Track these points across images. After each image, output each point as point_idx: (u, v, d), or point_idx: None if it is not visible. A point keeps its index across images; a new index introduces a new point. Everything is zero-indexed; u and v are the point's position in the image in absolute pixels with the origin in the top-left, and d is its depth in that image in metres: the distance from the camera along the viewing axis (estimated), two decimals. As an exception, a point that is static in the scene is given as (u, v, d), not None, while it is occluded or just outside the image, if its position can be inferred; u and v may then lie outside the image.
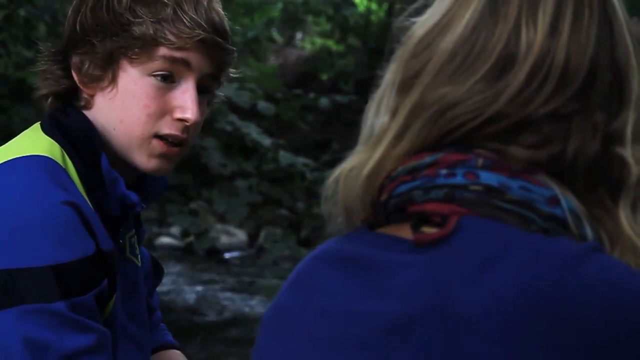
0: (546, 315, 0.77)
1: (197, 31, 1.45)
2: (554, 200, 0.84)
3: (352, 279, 0.88)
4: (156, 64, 1.45)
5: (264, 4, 14.65)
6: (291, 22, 15.11)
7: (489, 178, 0.84)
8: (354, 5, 14.70)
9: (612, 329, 0.76)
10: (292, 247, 10.18)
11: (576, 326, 0.76)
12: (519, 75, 0.85)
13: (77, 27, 1.47)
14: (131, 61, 1.45)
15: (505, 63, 0.86)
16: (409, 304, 0.82)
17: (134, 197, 1.45)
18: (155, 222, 10.79)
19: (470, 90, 0.86)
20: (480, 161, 0.85)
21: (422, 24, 0.91)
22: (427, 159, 0.87)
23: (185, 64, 1.46)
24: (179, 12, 1.45)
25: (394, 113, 0.89)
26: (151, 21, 1.44)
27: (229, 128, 11.25)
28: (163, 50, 1.44)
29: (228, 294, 8.73)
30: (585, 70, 0.85)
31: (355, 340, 0.85)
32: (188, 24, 1.45)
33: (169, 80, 1.46)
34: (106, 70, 1.46)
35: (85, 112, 1.49)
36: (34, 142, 1.44)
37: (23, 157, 1.41)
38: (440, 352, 0.79)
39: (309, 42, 15.81)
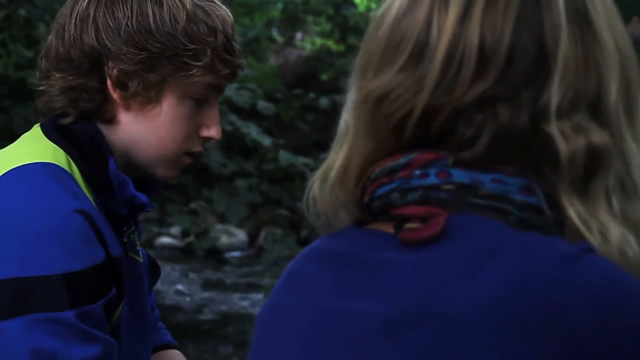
0: (536, 318, 0.76)
1: (239, 61, 1.50)
2: (528, 189, 0.83)
3: (343, 277, 0.88)
4: (199, 90, 1.47)
5: (264, 4, 14.64)
6: (291, 22, 15.10)
7: (460, 175, 0.84)
8: (354, 5, 14.69)
9: (602, 332, 0.76)
10: (292, 247, 10.18)
11: (566, 329, 0.76)
12: (435, 61, 0.84)
13: (122, 39, 1.43)
14: (179, 84, 1.45)
15: (422, 51, 0.85)
16: (400, 304, 0.82)
17: (143, 198, 1.46)
18: (155, 222, 10.78)
19: (391, 82, 0.86)
20: (451, 159, 0.85)
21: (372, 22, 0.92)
22: (402, 159, 0.86)
23: (219, 89, 1.50)
24: (225, 41, 1.47)
25: (350, 111, 0.91)
26: (209, 49, 1.45)
27: (229, 128, 11.24)
28: (208, 78, 1.46)
29: (228, 294, 8.73)
30: (505, 52, 0.83)
31: (346, 340, 0.84)
32: (233, 53, 1.49)
33: (201, 102, 1.49)
34: (154, 90, 1.45)
35: (109, 124, 1.47)
36: (37, 148, 1.43)
37: (31, 164, 1.40)
38: (429, 354, 0.79)
39: (309, 42, 15.80)
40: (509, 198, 0.83)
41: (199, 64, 1.44)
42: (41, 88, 1.50)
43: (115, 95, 1.45)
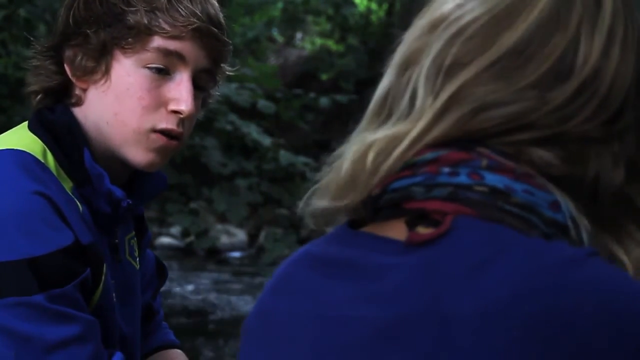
0: (543, 321, 0.75)
1: (191, 19, 1.43)
2: (556, 205, 0.83)
3: (339, 282, 0.86)
4: (150, 56, 1.43)
5: (264, 4, 14.65)
6: (291, 22, 15.11)
7: (494, 180, 0.83)
8: (354, 5, 14.70)
9: (609, 336, 0.75)
10: (292, 247, 10.18)
11: (573, 333, 0.75)
12: (568, 89, 0.83)
13: (70, 20, 1.45)
14: (125, 52, 1.43)
15: (559, 74, 0.84)
16: (400, 307, 0.80)
17: (118, 192, 1.43)
18: (156, 222, 10.78)
19: (519, 94, 0.83)
20: (484, 162, 0.83)
21: (478, 7, 0.88)
22: (429, 155, 0.84)
23: (180, 57, 1.44)
24: (173, 1, 1.43)
25: (436, 95, 0.86)
26: (145, 10, 1.42)
27: (229, 127, 11.25)
28: (157, 41, 1.42)
29: (228, 294, 8.73)
30: (622, 99, 0.84)
31: (344, 346, 0.83)
32: (183, 13, 1.43)
33: (163, 72, 1.44)
34: (99, 62, 1.44)
35: (77, 108, 1.47)
36: (16, 138, 1.43)
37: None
38: (432, 354, 0.77)
39: (309, 42, 15.80)
40: (538, 211, 0.82)
41: (133, 24, 1.42)
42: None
43: (69, 74, 1.46)
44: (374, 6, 15.09)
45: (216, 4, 1.49)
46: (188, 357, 1.76)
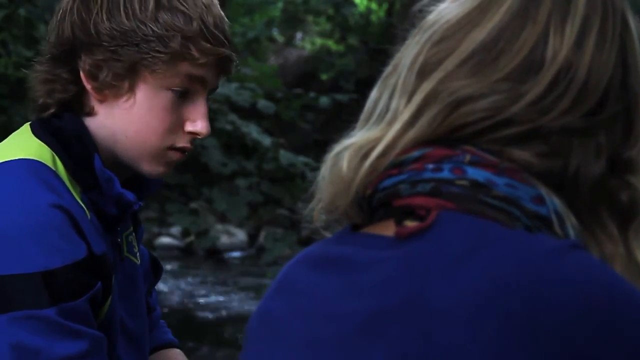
0: (523, 313, 0.76)
1: (220, 49, 1.45)
2: (539, 199, 0.84)
3: (331, 279, 0.88)
4: (176, 80, 1.44)
5: (264, 4, 14.67)
6: (291, 22, 15.12)
7: (475, 174, 0.84)
8: (354, 5, 14.71)
9: (587, 327, 0.76)
10: (292, 247, 10.19)
11: (553, 324, 0.76)
12: (542, 81, 0.84)
13: (92, 29, 1.43)
14: (152, 72, 1.43)
15: (531, 67, 0.85)
16: (383, 299, 0.81)
17: (130, 196, 1.44)
18: (155, 222, 10.79)
19: (491, 87, 0.85)
20: (467, 157, 0.85)
21: (452, 10, 0.90)
22: (415, 153, 0.86)
23: (202, 81, 1.46)
24: (203, 28, 1.43)
25: (410, 96, 0.88)
26: (180, 36, 1.42)
27: (229, 127, 11.26)
28: (185, 67, 1.43)
29: (228, 294, 8.74)
30: (602, 90, 0.85)
31: (332, 340, 0.84)
32: (212, 41, 1.44)
33: (184, 94, 1.46)
34: (125, 79, 1.43)
35: (90, 117, 1.46)
36: (22, 144, 1.42)
37: (10, 160, 1.38)
38: (414, 346, 0.78)
39: (309, 42, 15.81)
40: (520, 204, 0.83)
41: (167, 50, 1.41)
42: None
43: (89, 87, 1.45)
44: (374, 6, 15.10)
45: (228, 22, 1.50)
46: (187, 357, 1.76)
